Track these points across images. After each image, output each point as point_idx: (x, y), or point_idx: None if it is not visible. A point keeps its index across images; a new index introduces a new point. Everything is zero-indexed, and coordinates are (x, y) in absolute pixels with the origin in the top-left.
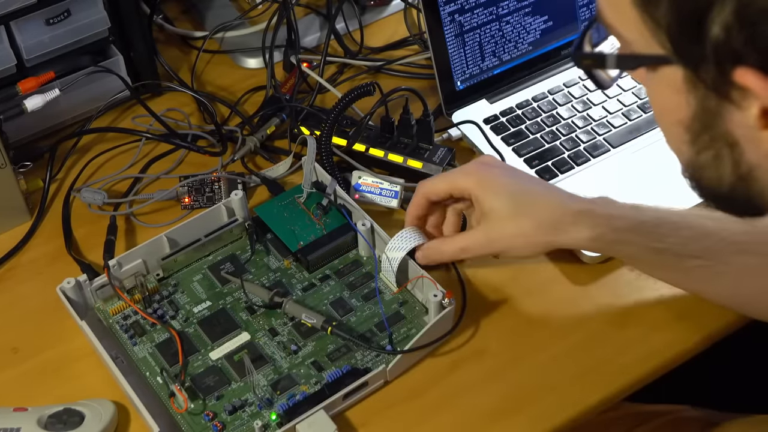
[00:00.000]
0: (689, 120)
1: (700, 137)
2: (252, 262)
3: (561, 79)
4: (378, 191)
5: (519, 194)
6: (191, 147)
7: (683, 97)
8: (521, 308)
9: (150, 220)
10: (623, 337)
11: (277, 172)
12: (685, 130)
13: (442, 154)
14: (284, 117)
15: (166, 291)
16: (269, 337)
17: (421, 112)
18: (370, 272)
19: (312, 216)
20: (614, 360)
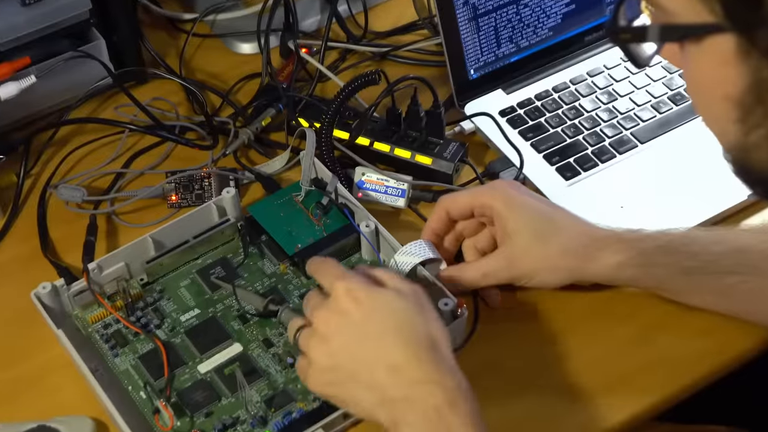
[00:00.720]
0: (740, 94)
1: (751, 113)
2: (245, 266)
3: (584, 68)
4: (383, 189)
5: (545, 217)
6: (179, 140)
7: (733, 69)
8: (539, 318)
9: (133, 219)
10: (650, 350)
11: (272, 168)
12: (734, 106)
13: (453, 149)
14: (281, 107)
15: (151, 297)
16: (263, 349)
17: (430, 103)
18: None
19: (311, 216)
20: (641, 375)
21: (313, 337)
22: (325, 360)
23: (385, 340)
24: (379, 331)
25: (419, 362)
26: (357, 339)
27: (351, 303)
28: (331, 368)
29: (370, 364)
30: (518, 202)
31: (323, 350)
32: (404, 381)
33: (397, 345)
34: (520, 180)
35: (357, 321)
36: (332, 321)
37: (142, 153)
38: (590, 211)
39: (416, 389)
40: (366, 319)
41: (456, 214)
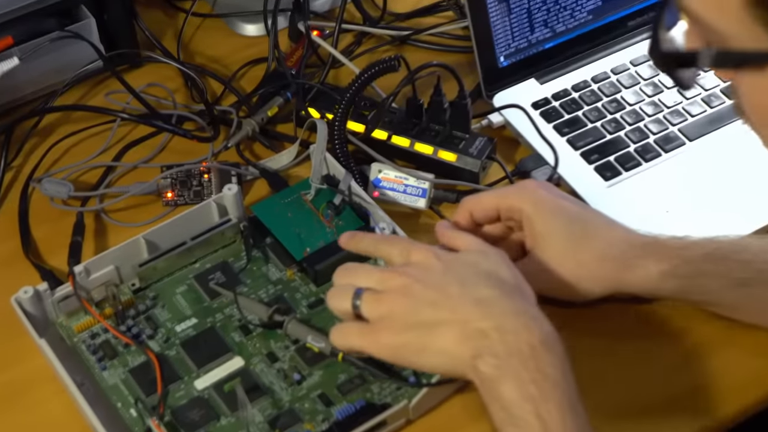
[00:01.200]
0: None
1: None
2: (248, 271)
3: (627, 56)
4: (402, 188)
5: (579, 221)
6: (176, 130)
7: None
8: (572, 335)
9: (125, 218)
10: (701, 371)
11: (279, 163)
12: None
13: (480, 144)
14: (289, 96)
15: (143, 305)
16: (267, 364)
17: (455, 93)
18: None
19: (321, 217)
20: (691, 397)
21: (387, 293)
22: (402, 308)
23: (470, 281)
24: (464, 276)
25: (511, 298)
26: (440, 283)
27: (433, 258)
28: (408, 314)
29: (454, 300)
30: (549, 205)
31: (401, 302)
32: (496, 311)
33: (486, 285)
34: (554, 180)
35: (440, 269)
36: (410, 273)
37: (135, 144)
38: (631, 216)
39: (510, 319)
40: (449, 268)
41: (480, 216)
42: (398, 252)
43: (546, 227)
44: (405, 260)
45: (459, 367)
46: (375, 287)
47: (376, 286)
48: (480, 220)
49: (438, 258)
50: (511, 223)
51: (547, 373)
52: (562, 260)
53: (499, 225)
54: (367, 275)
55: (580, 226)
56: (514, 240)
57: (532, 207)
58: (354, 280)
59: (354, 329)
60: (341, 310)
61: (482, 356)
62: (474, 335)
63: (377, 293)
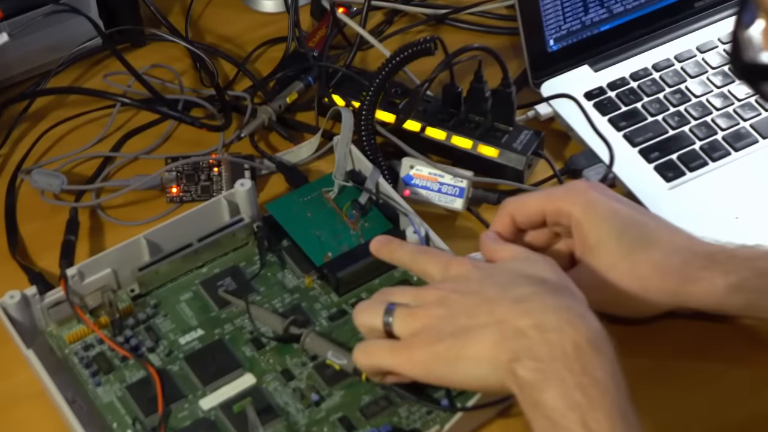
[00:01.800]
0: None
1: None
2: (261, 278)
3: (693, 41)
4: (436, 187)
5: (636, 227)
6: (183, 118)
7: None
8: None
9: (124, 215)
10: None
11: (298, 156)
12: None
13: (525, 138)
14: (311, 81)
15: (144, 313)
16: (282, 382)
17: (498, 80)
18: None
19: (345, 218)
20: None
21: (422, 307)
22: (437, 320)
23: (510, 283)
24: (504, 279)
25: (554, 294)
26: (477, 289)
27: (472, 269)
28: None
29: (491, 302)
30: (602, 208)
31: (436, 313)
32: (535, 307)
33: (527, 284)
34: (608, 180)
35: (479, 277)
36: (447, 287)
37: (137, 133)
38: (696, 222)
39: (552, 316)
40: (488, 275)
41: (523, 221)
42: (436, 266)
43: (598, 234)
44: (443, 276)
45: (497, 375)
46: (409, 303)
47: (410, 303)
48: (523, 225)
49: (477, 268)
50: (558, 228)
51: (595, 377)
52: (616, 271)
53: (545, 231)
54: (401, 291)
55: (637, 233)
56: (561, 248)
57: (582, 211)
58: (386, 297)
59: (383, 346)
60: (369, 326)
61: (521, 359)
62: (511, 336)
63: (411, 308)
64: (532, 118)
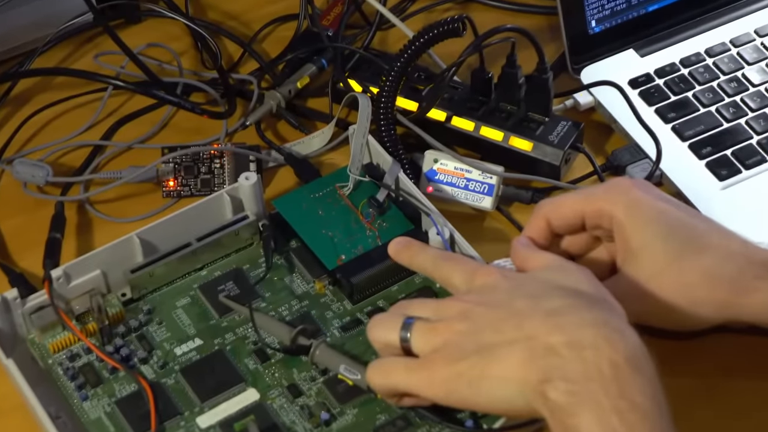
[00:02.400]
0: None
1: None
2: (267, 282)
3: (750, 24)
4: (463, 184)
5: (685, 230)
6: (182, 103)
7: None
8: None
9: (116, 211)
10: None
11: (310, 148)
12: None
13: (563, 130)
14: (324, 64)
15: (136, 320)
16: (288, 398)
17: (533, 65)
18: None
19: (361, 217)
20: None
21: (443, 321)
22: (459, 335)
23: (541, 295)
24: (535, 290)
25: (589, 308)
26: (505, 301)
27: (499, 278)
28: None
29: (520, 315)
30: (647, 209)
31: (458, 328)
32: (569, 322)
33: (560, 296)
34: (654, 178)
35: (507, 287)
36: (471, 299)
37: (131, 119)
38: (752, 226)
39: (588, 332)
40: (518, 285)
41: (560, 225)
42: (460, 275)
43: (641, 237)
44: (468, 286)
45: (525, 397)
46: (429, 317)
47: (430, 317)
48: (560, 229)
49: (506, 278)
50: (598, 232)
51: (634, 401)
52: (662, 279)
53: (584, 236)
54: (420, 304)
55: (686, 237)
56: (601, 254)
57: (624, 212)
58: (404, 311)
59: (399, 365)
60: (385, 342)
61: (552, 380)
62: (542, 353)
63: (431, 323)
64: (570, 107)
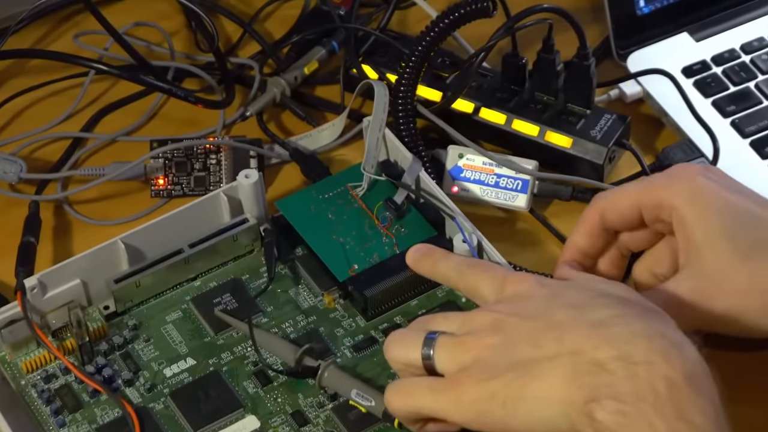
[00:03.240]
0: None
1: None
2: (269, 295)
3: None
4: (492, 181)
5: (755, 224)
6: (173, 90)
7: None
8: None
9: (97, 212)
10: None
11: (318, 142)
12: None
13: (607, 125)
14: (335, 47)
15: (120, 337)
16: (293, 427)
17: (574, 50)
18: None
19: (376, 221)
20: None
21: (472, 335)
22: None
23: (584, 303)
24: (576, 298)
25: (642, 317)
26: (543, 310)
27: (534, 285)
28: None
29: (561, 327)
30: (713, 200)
31: (489, 342)
32: (620, 333)
33: (606, 305)
34: None
35: (543, 295)
36: (503, 309)
37: (115, 108)
38: None
39: (640, 345)
40: (555, 294)
41: (616, 219)
42: (489, 282)
43: (706, 232)
44: (497, 295)
45: (568, 419)
46: (455, 332)
47: (455, 331)
48: (616, 225)
49: (542, 285)
50: (659, 226)
51: (693, 423)
52: (728, 280)
53: (645, 233)
54: (444, 318)
55: (758, 232)
56: (664, 249)
57: (687, 202)
58: (425, 326)
59: (422, 386)
60: (405, 361)
61: (599, 399)
62: (588, 370)
63: (458, 337)
64: (615, 98)
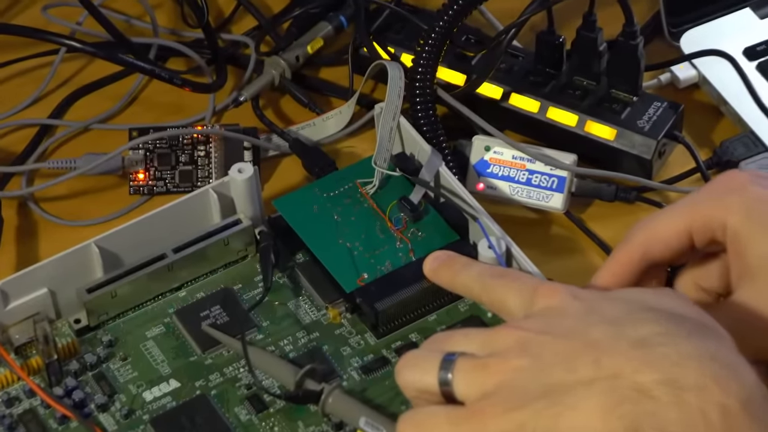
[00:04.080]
0: None
1: None
2: (265, 307)
3: None
4: (524, 177)
5: None
6: (156, 71)
7: None
8: None
9: (68, 211)
10: None
11: (323, 132)
12: None
13: (657, 113)
14: (343, 22)
15: (94, 355)
16: None
17: (619, 27)
18: None
19: (389, 223)
20: None
21: (496, 357)
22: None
23: (625, 319)
24: (616, 313)
25: (692, 335)
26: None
27: (568, 299)
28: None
29: (599, 347)
30: None
31: (516, 365)
32: (666, 354)
33: (650, 321)
34: None
35: (578, 311)
36: (531, 326)
37: (89, 92)
38: None
39: (690, 367)
40: (592, 308)
41: (663, 253)
42: (517, 294)
43: (761, 250)
44: (527, 309)
45: None
46: (476, 353)
47: (477, 351)
48: (662, 259)
49: (577, 298)
50: (714, 248)
51: None
52: None
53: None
54: (464, 336)
55: None
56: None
57: (740, 216)
58: (443, 345)
59: (440, 416)
60: (420, 387)
61: (643, 430)
62: (629, 397)
63: (480, 358)
64: (666, 83)
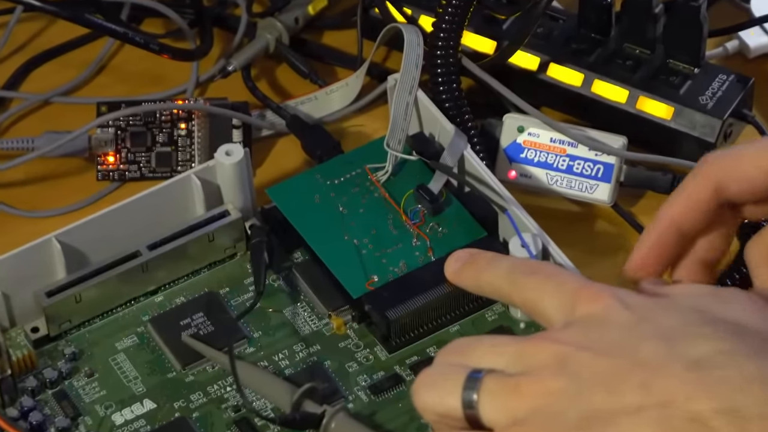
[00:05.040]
0: None
1: None
2: (257, 315)
3: None
4: (565, 163)
5: None
6: (129, 35)
7: None
8: None
9: (25, 200)
10: None
11: (326, 107)
12: None
13: (722, 88)
14: None
15: (54, 370)
16: None
17: None
18: None
19: (404, 216)
20: None
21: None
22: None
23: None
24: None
25: (756, 354)
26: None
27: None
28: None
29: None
30: None
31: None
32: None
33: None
34: None
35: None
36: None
37: (49, 59)
38: None
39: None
40: (643, 318)
41: (741, 191)
42: (554, 296)
43: None
44: (567, 316)
45: None
46: (506, 369)
47: (507, 368)
48: (738, 198)
49: (625, 305)
50: None
51: None
52: None
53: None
54: (492, 347)
55: None
56: None
57: None
58: (466, 358)
59: None
60: (440, 410)
61: None
62: (682, 428)
63: (510, 378)
64: (733, 52)
